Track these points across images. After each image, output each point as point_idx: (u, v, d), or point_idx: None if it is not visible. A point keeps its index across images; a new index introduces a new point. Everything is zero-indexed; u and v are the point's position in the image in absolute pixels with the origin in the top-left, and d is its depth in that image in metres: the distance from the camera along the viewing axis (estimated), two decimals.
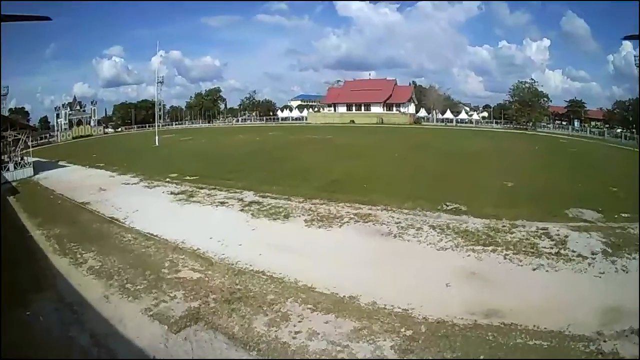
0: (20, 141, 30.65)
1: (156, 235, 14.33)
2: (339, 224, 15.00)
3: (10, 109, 70.20)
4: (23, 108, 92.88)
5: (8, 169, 28.41)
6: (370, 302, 9.22)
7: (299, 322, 8.59)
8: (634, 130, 57.99)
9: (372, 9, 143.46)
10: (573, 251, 11.68)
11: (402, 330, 8.14)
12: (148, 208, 18.32)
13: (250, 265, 11.43)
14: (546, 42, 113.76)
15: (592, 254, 11.43)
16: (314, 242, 13.40)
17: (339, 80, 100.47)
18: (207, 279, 10.77)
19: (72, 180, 27.20)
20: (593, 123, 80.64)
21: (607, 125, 75.53)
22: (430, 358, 7.27)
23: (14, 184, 26.60)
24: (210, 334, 8.32)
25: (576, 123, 78.18)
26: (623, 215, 14.74)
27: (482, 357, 7.15)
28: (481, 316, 8.45)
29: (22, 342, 8.31)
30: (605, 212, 15.03)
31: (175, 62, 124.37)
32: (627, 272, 10.44)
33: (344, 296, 9.56)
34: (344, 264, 11.54)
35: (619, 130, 63.34)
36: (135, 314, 9.32)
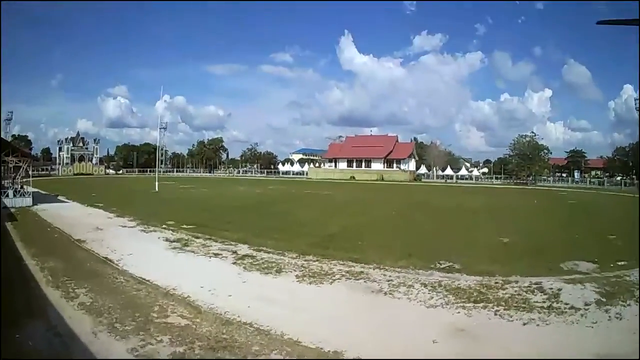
0: (21, 169, 31.32)
1: (148, 280, 14.55)
2: (330, 280, 15.13)
3: (13, 135, 71.76)
4: (26, 136, 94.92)
5: (7, 195, 28.85)
6: (354, 358, 9.24)
7: None
8: (634, 176, 58.52)
9: (376, 62, 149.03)
10: (566, 304, 11.76)
11: None
12: (142, 253, 18.60)
13: (238, 317, 11.59)
14: (548, 92, 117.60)
15: (585, 304, 11.56)
16: (304, 297, 13.53)
17: (340, 136, 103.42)
18: (194, 326, 10.97)
19: (70, 216, 27.62)
20: (593, 172, 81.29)
21: (607, 174, 76.16)
22: None
23: (12, 210, 26.93)
24: None
25: (576, 174, 78.85)
26: (619, 263, 15.14)
27: None
28: None
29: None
30: (601, 261, 15.30)
31: (179, 108, 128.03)
32: (620, 319, 10.63)
33: (329, 351, 9.61)
34: (332, 319, 11.62)
35: (618, 178, 63.93)
36: (122, 352, 9.53)
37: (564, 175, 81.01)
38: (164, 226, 24.64)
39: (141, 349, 9.66)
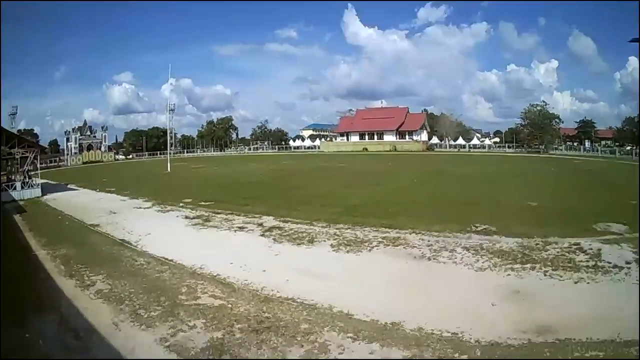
0: (28, 159, 30.03)
1: (171, 260, 13.21)
2: (368, 248, 13.88)
3: (19, 130, 70.36)
4: (32, 130, 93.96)
5: (15, 188, 27.66)
6: (415, 328, 8.14)
7: (340, 353, 7.42)
8: None
9: (382, 36, 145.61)
10: (608, 262, 11.46)
11: (456, 355, 7.18)
12: (162, 232, 17.28)
13: (278, 292, 10.24)
14: (554, 63, 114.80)
15: (627, 263, 11.33)
16: (344, 267, 12.25)
17: (350, 110, 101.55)
18: (230, 306, 9.54)
19: (81, 202, 26.42)
20: (603, 142, 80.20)
21: (617, 144, 75.03)
22: None
23: (20, 203, 25.74)
24: None
25: (587, 143, 77.96)
26: None
27: None
28: (533, 334, 7.71)
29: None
30: (631, 224, 14.79)
31: (186, 90, 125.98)
32: None
33: (386, 323, 8.43)
34: (379, 289, 10.49)
35: (628, 148, 62.68)
36: (150, 344, 8.12)
37: (575, 144, 79.60)
38: (181, 204, 23.22)
39: (172, 338, 8.20)
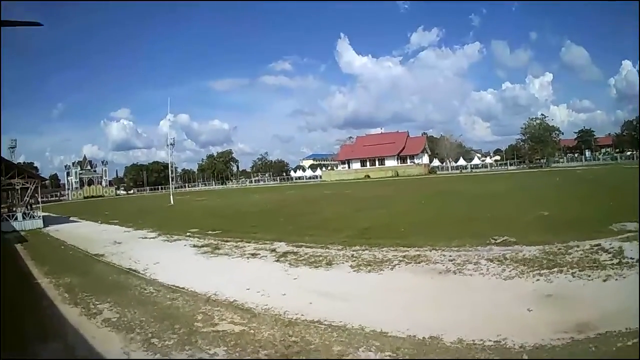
0: (29, 190, 29.45)
1: (182, 288, 12.43)
2: (389, 266, 13.27)
3: (19, 164, 69.94)
4: (32, 163, 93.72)
5: (16, 218, 26.98)
6: (456, 340, 7.56)
7: None
8: None
9: (376, 63, 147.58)
10: (631, 258, 11.42)
11: None
12: (170, 261, 16.51)
13: (302, 315, 9.46)
14: (548, 76, 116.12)
15: None
16: (368, 287, 11.61)
17: (350, 137, 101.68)
18: (252, 332, 8.73)
19: (84, 233, 25.77)
20: (603, 150, 79.90)
21: (617, 150, 74.74)
22: None
23: (22, 233, 25.06)
24: None
25: (587, 153, 77.75)
26: None
27: None
28: (575, 333, 7.46)
29: None
30: None
31: (184, 126, 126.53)
32: None
33: (424, 337, 7.81)
34: (408, 306, 9.89)
35: (629, 153, 62.28)
36: None
37: (576, 155, 79.75)
38: (187, 234, 22.49)
39: None
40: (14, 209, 28.28)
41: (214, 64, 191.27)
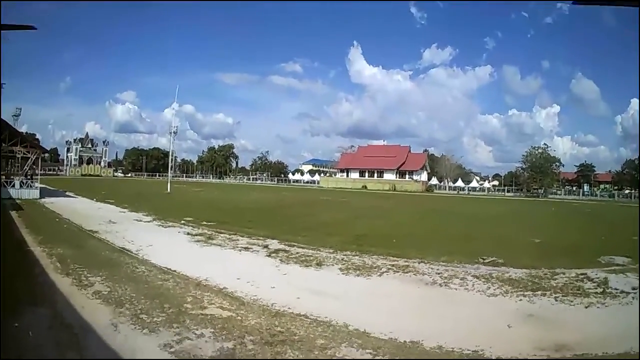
0: (29, 160, 29.54)
1: (174, 271, 12.61)
2: (378, 273, 13.58)
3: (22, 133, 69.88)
4: (34, 134, 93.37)
5: (14, 186, 27.04)
6: (435, 346, 7.90)
7: None
8: None
9: (385, 75, 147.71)
10: (615, 289, 11.78)
11: None
12: (163, 245, 16.70)
13: (289, 308, 9.71)
14: (556, 108, 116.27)
15: (633, 289, 11.69)
16: (356, 289, 11.87)
17: (352, 146, 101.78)
18: (239, 318, 8.96)
19: (79, 209, 25.92)
20: (602, 186, 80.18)
21: (616, 187, 75.04)
22: None
23: (18, 202, 25.12)
24: None
25: (586, 187, 77.94)
26: None
27: None
28: (552, 351, 7.77)
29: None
30: (634, 256, 15.16)
31: (188, 115, 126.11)
32: None
33: (405, 341, 8.11)
34: (393, 311, 10.18)
35: (627, 192, 62.52)
36: (152, 348, 7.48)
37: (574, 188, 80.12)
38: (182, 222, 22.70)
39: (177, 345, 7.57)
40: (12, 177, 28.33)
41: (225, 57, 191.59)
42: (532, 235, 21.43)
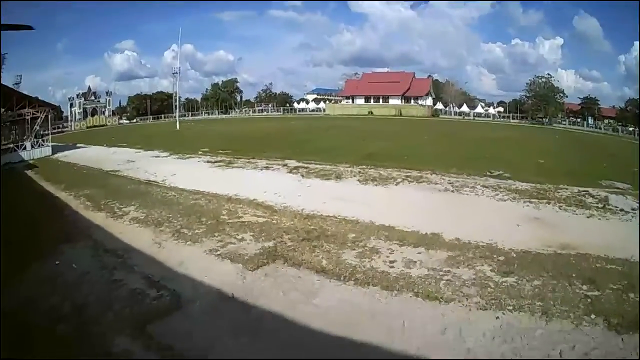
0: (39, 119, 29.39)
1: (203, 191, 13.18)
2: (394, 182, 14.29)
3: None
4: (37, 98, 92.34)
5: (25, 148, 27.16)
6: (453, 238, 8.93)
7: (391, 253, 7.99)
8: None
9: (386, 5, 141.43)
10: (615, 207, 12.15)
11: (495, 256, 8.08)
12: (186, 172, 17.18)
13: (318, 212, 10.37)
14: (559, 40, 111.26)
15: (632, 209, 11.98)
16: (375, 196, 12.63)
17: (356, 73, 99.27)
18: (275, 222, 9.59)
19: (95, 155, 26.25)
20: (606, 121, 79.48)
21: (620, 123, 74.44)
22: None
23: (30, 162, 25.36)
24: (294, 269, 7.31)
25: (590, 120, 77.20)
26: None
27: (574, 275, 7.39)
28: (558, 248, 8.59)
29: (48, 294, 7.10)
30: (634, 185, 15.01)
31: (188, 56, 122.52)
32: None
33: (427, 233, 9.16)
34: (412, 211, 10.91)
35: (631, 129, 62.04)
36: (199, 255, 8.10)
37: (578, 120, 78.62)
38: (199, 153, 22.94)
39: (222, 249, 8.18)
40: (22, 140, 28.24)
41: None
42: (537, 157, 21.50)
